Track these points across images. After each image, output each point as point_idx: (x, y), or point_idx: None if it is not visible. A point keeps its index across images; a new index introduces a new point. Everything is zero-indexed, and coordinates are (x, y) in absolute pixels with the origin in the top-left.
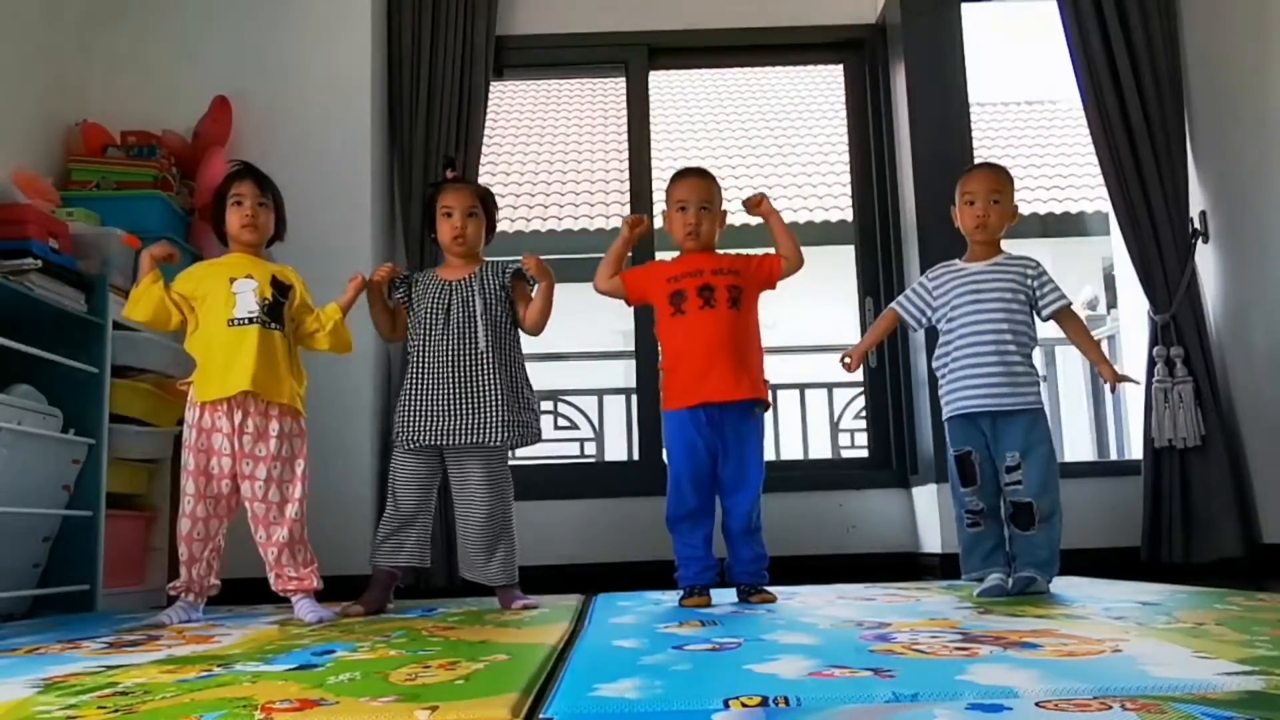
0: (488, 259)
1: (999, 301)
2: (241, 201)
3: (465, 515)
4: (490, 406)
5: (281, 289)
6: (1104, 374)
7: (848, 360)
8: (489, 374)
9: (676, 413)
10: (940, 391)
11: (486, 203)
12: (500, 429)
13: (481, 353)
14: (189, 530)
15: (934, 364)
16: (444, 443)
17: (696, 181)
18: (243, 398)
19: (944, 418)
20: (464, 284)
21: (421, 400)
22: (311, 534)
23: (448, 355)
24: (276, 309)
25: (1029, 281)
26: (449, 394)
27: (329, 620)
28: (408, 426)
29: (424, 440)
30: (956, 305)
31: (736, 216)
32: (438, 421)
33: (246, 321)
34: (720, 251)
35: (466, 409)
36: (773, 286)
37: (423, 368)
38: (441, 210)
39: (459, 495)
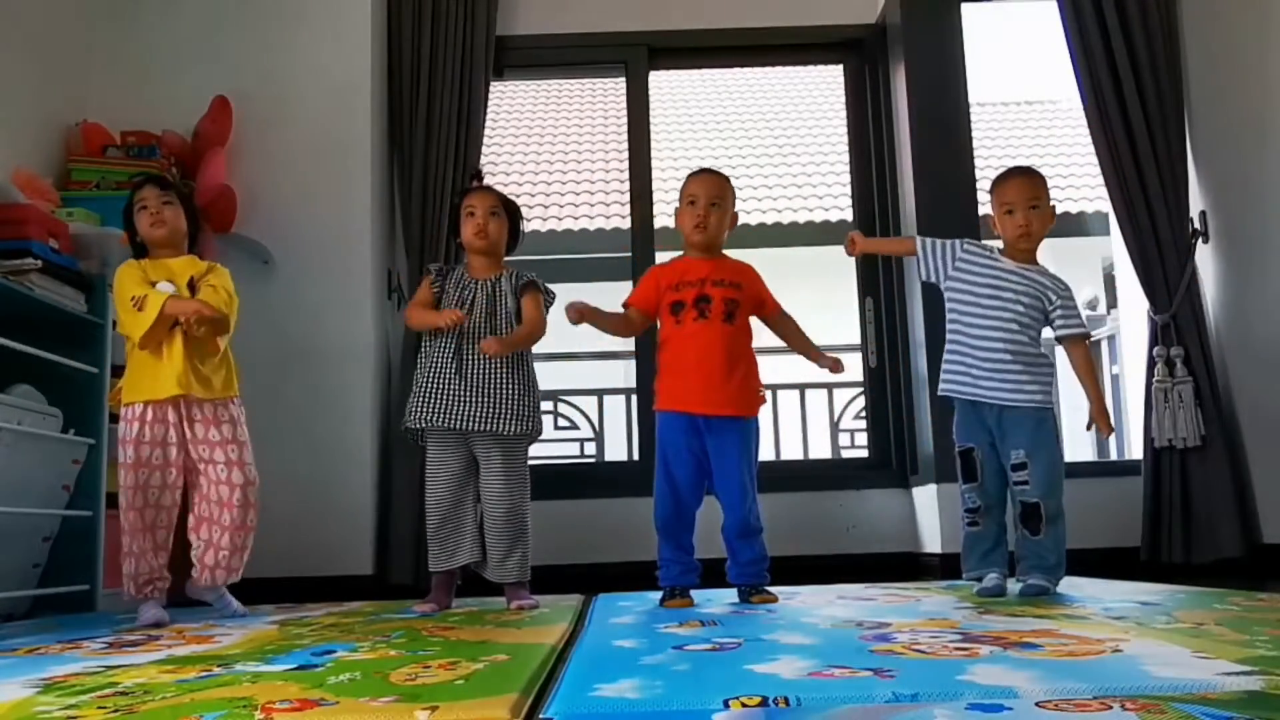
0: (511, 265)
1: (1019, 305)
2: (146, 205)
3: (490, 510)
4: (507, 398)
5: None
6: (1099, 420)
7: (851, 243)
8: (510, 368)
9: (665, 414)
10: (944, 366)
11: (509, 207)
12: (514, 420)
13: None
14: (125, 522)
15: (946, 339)
16: (461, 427)
17: (709, 178)
18: (178, 398)
19: (940, 391)
20: (490, 282)
21: (442, 384)
22: (311, 535)
23: (473, 345)
24: None
25: (1053, 299)
26: (470, 382)
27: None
28: (425, 407)
29: (437, 422)
30: (976, 292)
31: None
32: (455, 406)
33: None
34: (728, 254)
35: (485, 397)
36: (759, 315)
37: (444, 354)
38: (465, 210)
39: (484, 489)
